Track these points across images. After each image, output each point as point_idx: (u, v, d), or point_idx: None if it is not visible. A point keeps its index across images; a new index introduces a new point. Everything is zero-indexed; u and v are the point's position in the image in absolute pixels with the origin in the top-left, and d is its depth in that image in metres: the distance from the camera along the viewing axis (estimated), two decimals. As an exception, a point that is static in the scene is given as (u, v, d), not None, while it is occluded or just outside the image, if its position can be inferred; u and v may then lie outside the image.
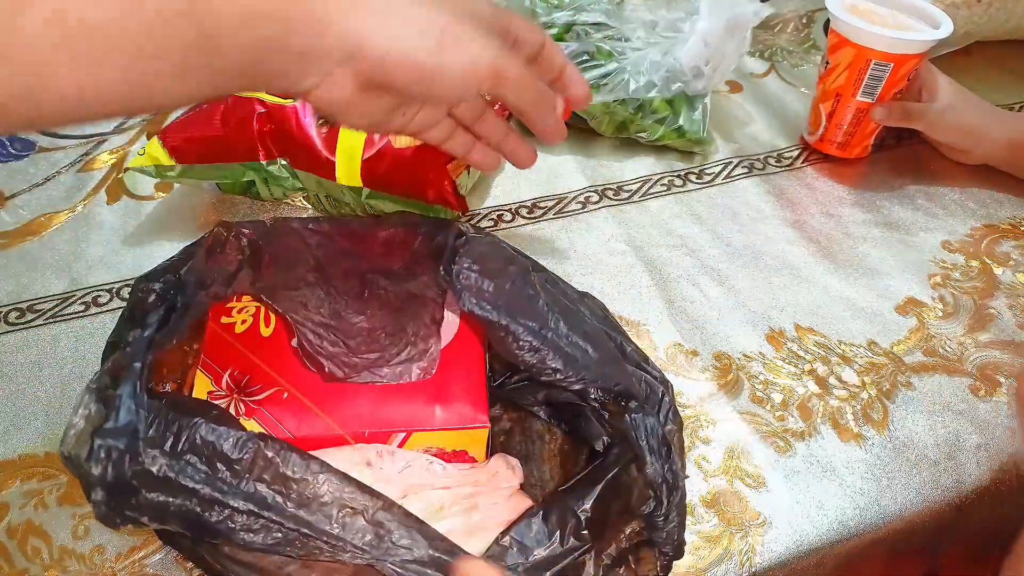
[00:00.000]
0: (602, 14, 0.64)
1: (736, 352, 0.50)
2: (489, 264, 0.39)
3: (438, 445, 0.39)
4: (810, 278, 0.55)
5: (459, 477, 0.38)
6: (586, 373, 0.37)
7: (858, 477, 0.43)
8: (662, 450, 0.37)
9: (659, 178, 0.64)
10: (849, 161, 0.66)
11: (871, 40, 0.58)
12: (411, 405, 0.39)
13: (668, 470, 0.36)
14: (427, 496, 0.37)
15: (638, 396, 0.38)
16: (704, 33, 0.61)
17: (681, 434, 0.39)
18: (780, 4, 0.87)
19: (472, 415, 0.38)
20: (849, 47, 0.59)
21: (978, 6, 0.74)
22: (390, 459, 0.38)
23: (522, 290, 0.39)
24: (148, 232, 0.57)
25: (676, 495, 0.36)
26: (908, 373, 0.49)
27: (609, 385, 0.38)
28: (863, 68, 0.60)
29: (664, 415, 0.38)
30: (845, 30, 0.59)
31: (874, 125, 0.63)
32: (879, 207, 0.62)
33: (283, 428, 0.37)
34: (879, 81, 0.60)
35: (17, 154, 0.64)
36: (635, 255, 0.57)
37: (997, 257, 0.58)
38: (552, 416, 0.44)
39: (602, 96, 0.62)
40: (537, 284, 0.40)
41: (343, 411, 0.38)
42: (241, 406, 0.38)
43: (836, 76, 0.62)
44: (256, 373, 0.39)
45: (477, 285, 0.38)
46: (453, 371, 0.40)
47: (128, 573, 0.38)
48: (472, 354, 0.41)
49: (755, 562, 0.40)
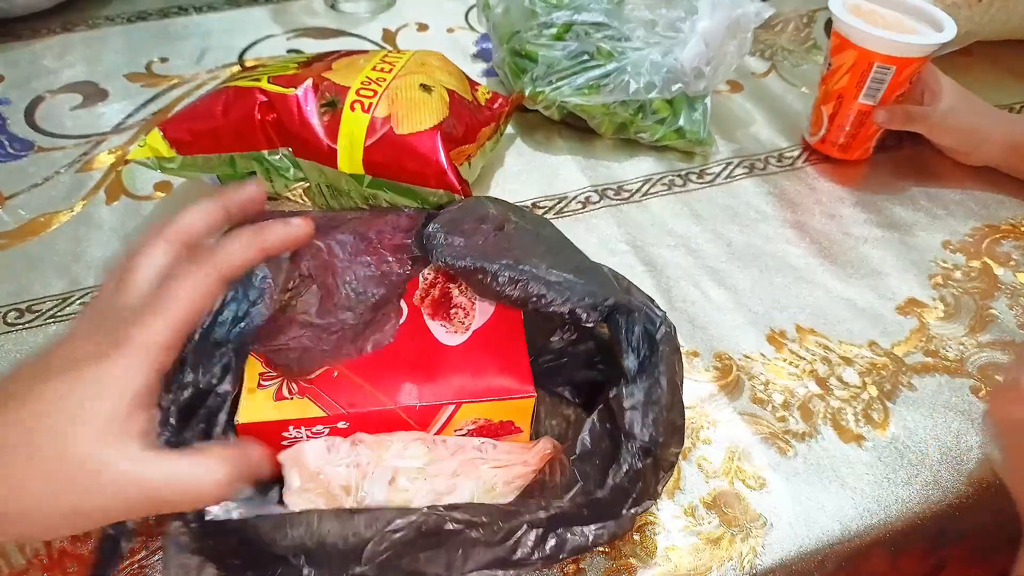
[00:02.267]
0: (602, 14, 0.64)
1: (737, 353, 0.50)
2: (460, 225, 0.41)
3: (486, 416, 0.40)
4: (811, 278, 0.55)
5: (510, 457, 0.39)
6: (571, 294, 0.38)
7: (859, 478, 0.43)
8: (643, 347, 0.37)
9: (659, 178, 0.64)
10: (850, 161, 0.66)
11: (874, 43, 0.58)
12: (459, 378, 0.39)
13: (650, 363, 0.37)
14: (480, 474, 0.38)
15: (632, 308, 0.38)
16: (704, 33, 0.61)
17: (677, 354, 0.38)
18: (781, 3, 0.87)
19: (518, 386, 0.39)
20: (852, 49, 0.59)
21: (978, 6, 0.74)
22: (443, 444, 0.39)
23: (496, 241, 0.41)
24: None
25: (657, 392, 0.36)
26: (909, 374, 0.49)
27: (598, 301, 0.38)
28: (865, 71, 0.59)
29: (658, 327, 0.38)
30: (848, 32, 0.59)
31: (876, 128, 0.63)
32: (880, 207, 0.62)
33: (336, 405, 0.38)
34: (882, 84, 0.60)
35: (16, 154, 0.64)
36: (635, 255, 0.56)
37: (998, 257, 0.58)
38: (577, 397, 0.45)
39: (602, 97, 0.62)
40: (514, 234, 0.42)
41: (393, 386, 0.39)
42: (293, 385, 0.38)
43: (838, 78, 0.61)
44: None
45: (447, 242, 0.40)
46: (495, 347, 0.41)
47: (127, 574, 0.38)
48: (512, 329, 0.42)
49: (756, 563, 0.40)
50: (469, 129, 0.56)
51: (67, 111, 0.68)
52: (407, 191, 0.54)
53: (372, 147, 0.52)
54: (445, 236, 0.41)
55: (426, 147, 0.52)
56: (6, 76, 0.72)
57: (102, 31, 0.79)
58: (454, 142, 0.54)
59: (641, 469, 0.36)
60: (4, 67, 0.73)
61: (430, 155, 0.52)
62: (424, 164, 0.52)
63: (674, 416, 0.37)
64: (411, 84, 0.55)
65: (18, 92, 0.70)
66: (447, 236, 0.41)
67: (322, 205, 0.58)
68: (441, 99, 0.55)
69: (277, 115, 0.53)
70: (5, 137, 0.65)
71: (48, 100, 0.69)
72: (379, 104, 0.53)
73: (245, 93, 0.53)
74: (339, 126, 0.52)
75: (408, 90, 0.54)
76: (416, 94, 0.54)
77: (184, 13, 0.83)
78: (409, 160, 0.52)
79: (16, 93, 0.70)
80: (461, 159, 0.54)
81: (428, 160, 0.52)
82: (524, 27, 0.66)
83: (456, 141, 0.54)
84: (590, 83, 0.62)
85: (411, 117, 0.53)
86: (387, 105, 0.53)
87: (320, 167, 0.54)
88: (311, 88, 0.53)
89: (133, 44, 0.77)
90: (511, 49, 0.66)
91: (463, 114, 0.56)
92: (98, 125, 0.67)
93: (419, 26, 0.82)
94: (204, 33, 0.79)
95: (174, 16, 0.82)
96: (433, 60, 0.59)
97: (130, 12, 0.82)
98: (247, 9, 0.84)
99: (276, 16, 0.82)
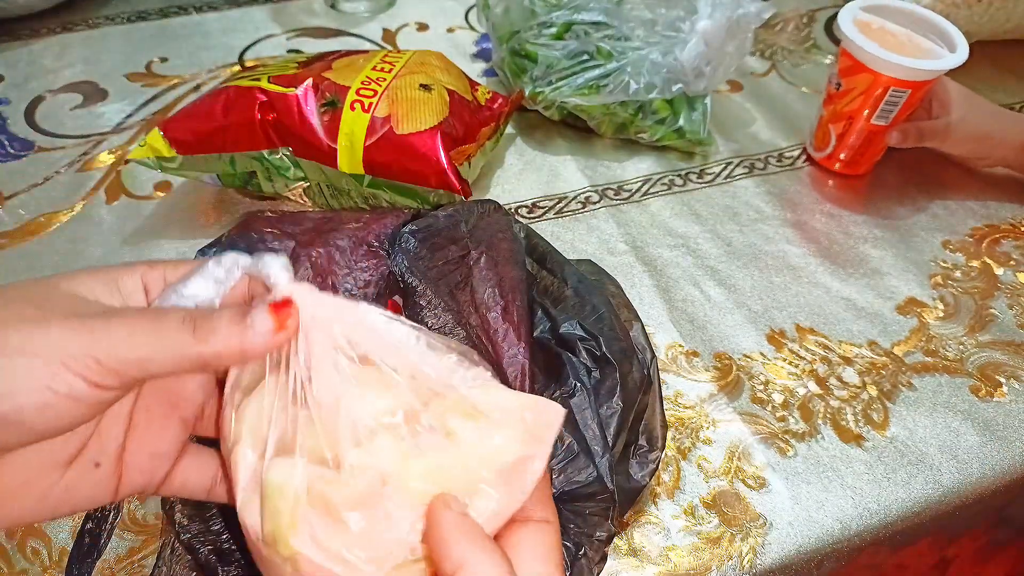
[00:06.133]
0: (601, 13, 0.64)
1: (737, 352, 0.50)
2: (433, 237, 0.40)
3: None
4: (811, 278, 0.55)
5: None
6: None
7: (859, 478, 0.43)
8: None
9: (659, 178, 0.64)
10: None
11: (891, 68, 0.56)
12: None
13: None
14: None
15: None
16: (704, 33, 0.61)
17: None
18: (781, 3, 0.87)
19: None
20: (867, 73, 0.58)
21: (978, 6, 0.74)
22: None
23: (450, 271, 0.40)
24: (147, 232, 0.57)
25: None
26: (909, 373, 0.49)
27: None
28: (880, 95, 0.58)
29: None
30: (863, 57, 0.57)
31: (884, 144, 0.62)
32: (880, 207, 0.62)
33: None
34: (895, 106, 0.59)
35: (16, 154, 0.64)
36: (635, 255, 0.56)
37: (998, 257, 0.58)
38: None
39: (602, 98, 0.62)
40: (477, 269, 0.41)
41: None
42: None
43: (850, 100, 0.60)
44: None
45: (409, 250, 0.40)
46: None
47: (127, 574, 0.38)
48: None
49: (756, 563, 0.40)
50: (469, 129, 0.56)
51: (67, 111, 0.68)
52: (407, 191, 0.54)
53: (372, 147, 0.52)
54: (413, 243, 0.40)
55: (426, 147, 0.52)
56: (6, 76, 0.72)
57: (102, 31, 0.79)
58: (454, 142, 0.54)
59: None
60: (4, 67, 0.73)
61: (430, 155, 0.52)
62: (424, 164, 0.52)
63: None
64: (411, 84, 0.55)
65: (18, 92, 0.70)
66: (416, 245, 0.40)
67: (322, 204, 0.58)
68: (441, 99, 0.55)
69: (277, 115, 0.53)
70: (5, 137, 0.65)
71: (48, 100, 0.69)
72: (379, 104, 0.53)
73: (245, 93, 0.53)
74: (339, 126, 0.52)
75: (408, 90, 0.54)
76: (416, 94, 0.54)
77: (184, 13, 0.83)
78: (409, 160, 0.52)
79: (16, 93, 0.70)
80: (461, 159, 0.54)
81: (428, 160, 0.52)
82: (524, 27, 0.66)
83: (456, 141, 0.54)
84: (590, 83, 0.62)
85: (411, 117, 0.53)
86: (387, 105, 0.53)
87: (320, 167, 0.54)
88: (311, 88, 0.53)
89: (133, 44, 0.77)
90: (511, 49, 0.66)
91: (463, 114, 0.56)
92: (98, 125, 0.67)
93: (419, 26, 0.82)
94: (204, 33, 0.79)
95: (174, 16, 0.82)
96: (433, 60, 0.59)
97: (130, 12, 0.82)
98: (247, 9, 0.84)
99: (276, 16, 0.82)
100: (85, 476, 0.25)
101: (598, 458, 0.36)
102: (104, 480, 0.26)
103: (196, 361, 0.24)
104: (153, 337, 0.23)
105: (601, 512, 0.35)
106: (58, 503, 0.25)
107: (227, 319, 0.24)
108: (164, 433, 0.27)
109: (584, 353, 0.38)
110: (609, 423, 0.36)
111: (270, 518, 0.24)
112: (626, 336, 0.39)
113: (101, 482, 0.26)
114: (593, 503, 0.35)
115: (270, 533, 0.24)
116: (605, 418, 0.36)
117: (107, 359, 0.22)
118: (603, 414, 0.37)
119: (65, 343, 0.22)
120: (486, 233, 0.42)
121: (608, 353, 0.37)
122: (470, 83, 0.60)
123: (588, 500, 0.35)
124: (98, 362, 0.22)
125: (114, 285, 0.25)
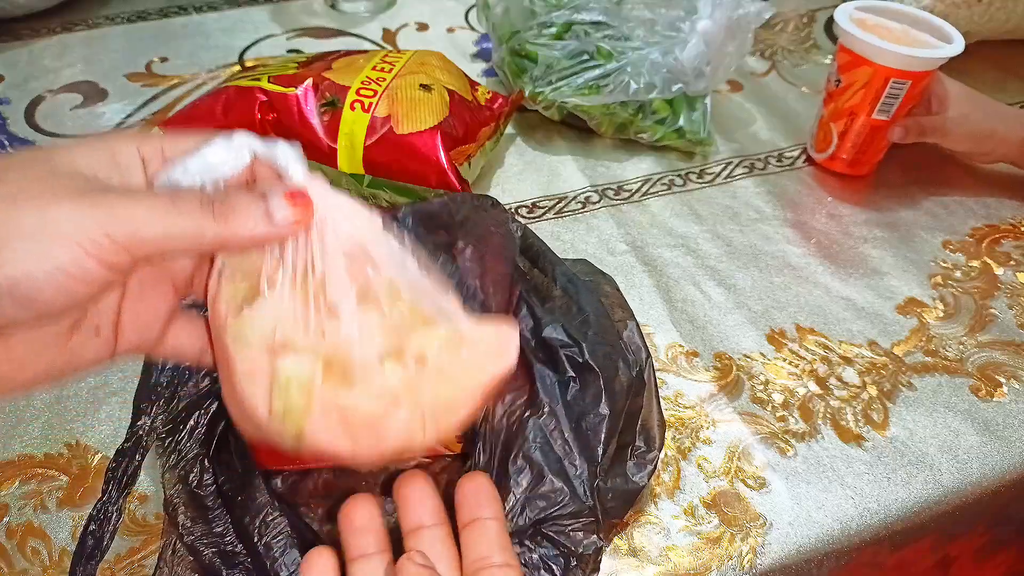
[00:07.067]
0: (601, 13, 0.64)
1: (737, 352, 0.50)
2: (426, 222, 0.41)
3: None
4: (811, 278, 0.55)
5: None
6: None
7: (859, 478, 0.43)
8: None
9: (659, 178, 0.64)
10: (850, 162, 0.66)
11: (889, 58, 0.57)
12: None
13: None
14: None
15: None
16: (704, 33, 0.61)
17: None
18: (781, 3, 0.87)
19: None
20: (866, 66, 0.58)
21: (978, 6, 0.74)
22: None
23: (432, 262, 0.40)
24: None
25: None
26: (909, 373, 0.49)
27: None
28: (881, 87, 0.58)
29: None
30: (862, 49, 0.58)
31: (886, 142, 0.62)
32: (880, 207, 0.62)
33: None
34: (896, 99, 0.59)
35: (16, 154, 0.64)
36: (635, 255, 0.56)
37: (998, 257, 0.58)
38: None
39: (602, 98, 0.62)
40: (462, 264, 0.41)
41: None
42: None
43: (850, 95, 0.60)
44: None
45: (411, 229, 0.40)
46: None
47: (127, 574, 0.38)
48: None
49: (756, 563, 0.40)
50: (469, 129, 0.56)
51: (67, 111, 0.68)
52: (407, 191, 0.54)
53: (372, 147, 0.52)
54: (411, 221, 0.40)
55: (426, 147, 0.52)
56: (6, 76, 0.72)
57: (102, 31, 0.79)
58: (454, 142, 0.54)
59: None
60: (4, 67, 0.73)
61: (430, 155, 0.52)
62: (424, 164, 0.52)
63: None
64: (411, 84, 0.55)
65: (18, 92, 0.70)
66: (412, 223, 0.40)
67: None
68: (441, 99, 0.55)
69: (277, 115, 0.53)
70: (5, 137, 0.65)
71: (48, 100, 0.69)
72: (379, 104, 0.53)
73: (245, 93, 0.54)
74: (339, 126, 0.52)
75: (408, 90, 0.54)
76: (416, 94, 0.54)
77: (184, 13, 0.83)
78: (409, 160, 0.52)
79: (16, 93, 0.70)
80: (461, 159, 0.54)
81: (428, 160, 0.52)
82: (524, 27, 0.66)
83: (456, 141, 0.54)
84: (590, 83, 0.62)
85: (411, 117, 0.53)
86: (387, 105, 0.53)
87: (320, 167, 0.54)
88: (311, 88, 0.53)
89: (133, 44, 0.77)
90: (511, 49, 0.66)
91: (463, 114, 0.56)
92: (98, 125, 0.67)
93: (419, 26, 0.82)
94: (204, 33, 0.79)
95: (174, 16, 0.82)
96: (433, 60, 0.59)
97: (130, 12, 0.82)
98: (247, 9, 0.84)
99: (276, 16, 0.82)
100: (87, 342, 0.26)
101: (573, 476, 0.35)
102: (103, 343, 0.26)
103: (213, 242, 0.24)
104: (172, 217, 0.23)
105: (586, 528, 0.35)
106: (65, 367, 0.26)
107: (246, 202, 0.24)
108: (156, 298, 0.28)
109: (565, 360, 0.37)
110: (598, 431, 0.36)
111: (280, 398, 0.25)
112: (615, 338, 0.39)
113: (101, 345, 0.26)
114: (577, 521, 0.35)
115: (278, 411, 0.25)
116: (592, 426, 0.36)
117: (124, 238, 0.22)
118: (589, 422, 0.36)
119: (80, 222, 0.22)
120: (478, 226, 0.42)
121: (591, 360, 0.37)
122: (470, 83, 0.60)
123: (572, 519, 0.35)
124: (113, 241, 0.22)
125: (112, 159, 0.25)
